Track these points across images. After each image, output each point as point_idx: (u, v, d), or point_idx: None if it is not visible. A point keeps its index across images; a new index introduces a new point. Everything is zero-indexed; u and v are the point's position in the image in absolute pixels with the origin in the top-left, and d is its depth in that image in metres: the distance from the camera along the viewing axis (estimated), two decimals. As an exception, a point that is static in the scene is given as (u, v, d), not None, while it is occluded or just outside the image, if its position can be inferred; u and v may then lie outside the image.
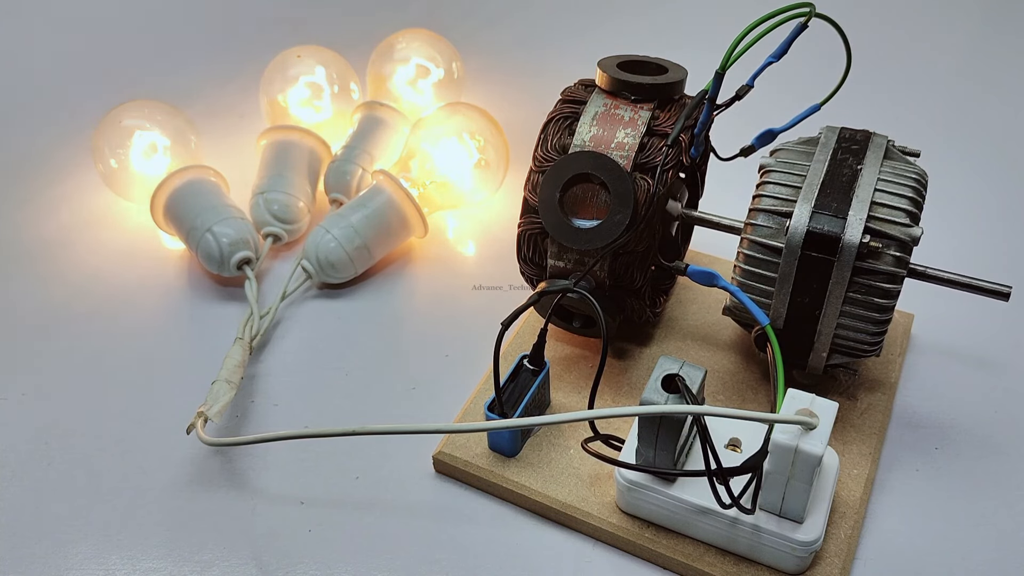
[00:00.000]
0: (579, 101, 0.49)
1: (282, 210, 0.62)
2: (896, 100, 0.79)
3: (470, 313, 0.59)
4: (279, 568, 0.44)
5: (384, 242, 0.61)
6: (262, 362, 0.55)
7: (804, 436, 0.37)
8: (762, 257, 0.45)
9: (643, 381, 0.51)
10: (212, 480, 0.48)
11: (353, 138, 0.67)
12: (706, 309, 0.56)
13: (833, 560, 0.42)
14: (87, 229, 0.67)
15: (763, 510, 0.41)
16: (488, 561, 0.44)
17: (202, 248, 0.59)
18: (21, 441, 0.51)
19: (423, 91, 0.73)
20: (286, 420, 0.52)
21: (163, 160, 0.64)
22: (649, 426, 0.40)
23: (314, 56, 0.71)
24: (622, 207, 0.45)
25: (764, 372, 0.52)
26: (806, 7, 0.42)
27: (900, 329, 0.54)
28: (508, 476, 0.46)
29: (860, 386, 0.51)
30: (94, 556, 0.45)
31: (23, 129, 0.78)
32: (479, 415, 0.49)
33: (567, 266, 0.49)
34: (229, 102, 0.80)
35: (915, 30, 0.89)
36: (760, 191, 0.45)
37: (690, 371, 0.40)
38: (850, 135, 0.47)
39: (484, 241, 0.65)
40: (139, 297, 0.61)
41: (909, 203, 0.43)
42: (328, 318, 0.59)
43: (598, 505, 0.45)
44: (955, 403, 0.51)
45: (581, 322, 0.52)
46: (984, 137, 0.74)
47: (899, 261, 0.42)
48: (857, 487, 0.45)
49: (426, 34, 0.73)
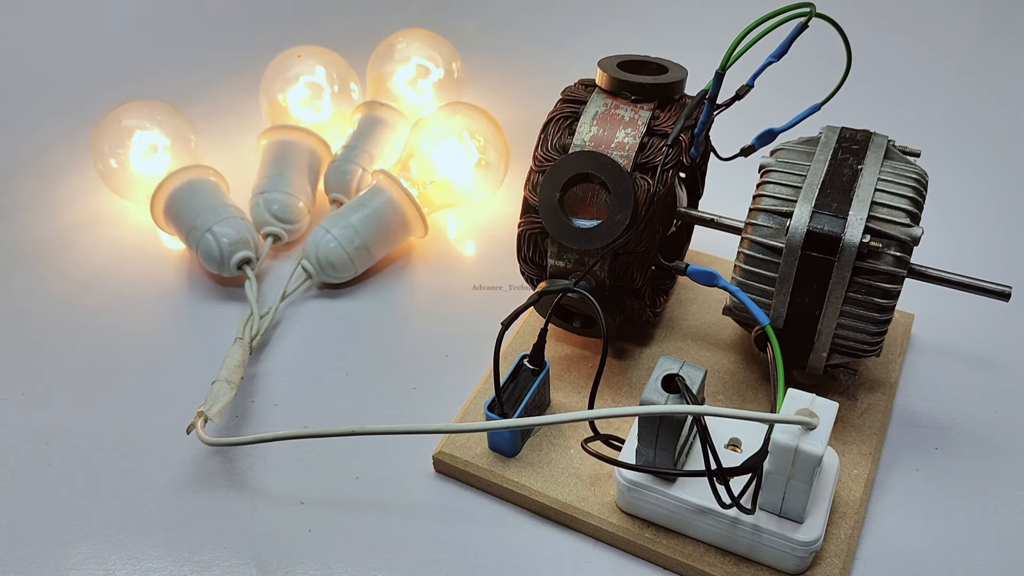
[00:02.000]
0: (579, 101, 0.49)
1: (282, 210, 0.62)
2: (896, 100, 0.79)
3: (470, 313, 0.59)
4: (279, 568, 0.44)
5: (384, 242, 0.61)
6: (262, 362, 0.55)
7: (804, 436, 0.37)
8: (762, 257, 0.45)
9: (643, 381, 0.51)
10: (212, 480, 0.48)
11: (353, 138, 0.67)
12: (706, 309, 0.56)
13: (833, 560, 0.42)
14: (87, 229, 0.67)
15: (763, 510, 0.41)
16: (488, 561, 0.44)
17: (202, 248, 0.59)
18: (21, 441, 0.51)
19: (423, 91, 0.73)
20: (286, 420, 0.52)
21: (163, 160, 0.64)
22: (649, 426, 0.40)
23: (314, 56, 0.71)
24: (622, 207, 0.45)
25: (764, 372, 0.52)
26: (806, 7, 0.42)
27: (900, 329, 0.54)
28: (508, 476, 0.46)
29: (860, 386, 0.51)
30: (94, 556, 0.45)
31: (23, 129, 0.78)
32: (479, 415, 0.49)
33: (567, 266, 0.49)
34: (229, 102, 0.80)
35: (915, 30, 0.89)
36: (760, 191, 0.45)
37: (690, 371, 0.40)
38: (850, 135, 0.47)
39: (484, 241, 0.65)
40: (139, 297, 0.61)
41: (909, 203, 0.43)
42: (328, 318, 0.59)
43: (598, 505, 0.45)
44: (955, 403, 0.51)
45: (581, 322, 0.52)
46: (984, 137, 0.74)
47: (899, 261, 0.42)
48: (857, 487, 0.45)
49: (426, 34, 0.73)
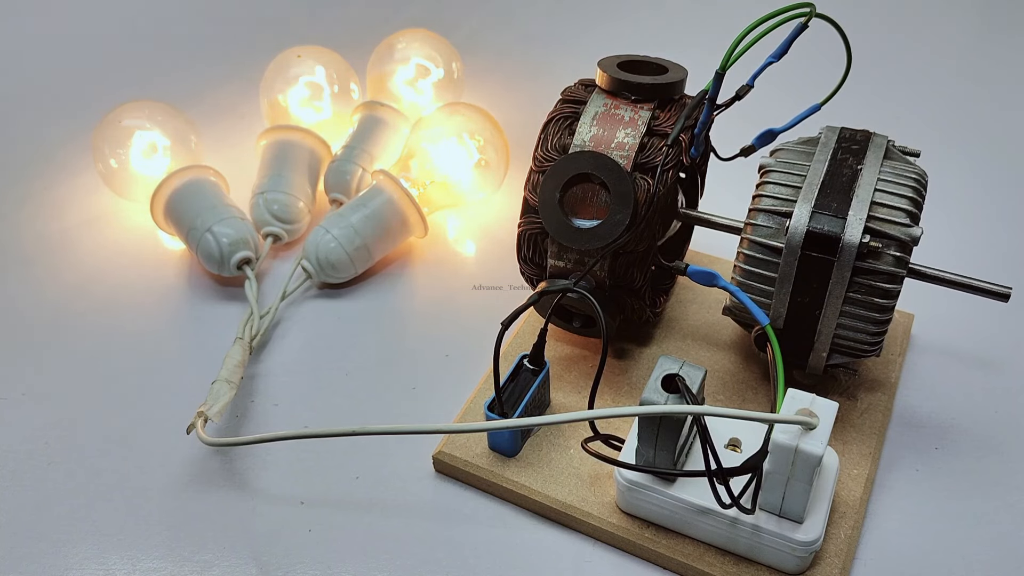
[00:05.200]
0: (579, 101, 0.49)
1: (282, 210, 0.62)
2: (896, 100, 0.79)
3: (470, 313, 0.59)
4: (279, 568, 0.44)
5: (384, 242, 0.61)
6: (262, 362, 0.55)
7: (804, 436, 0.37)
8: (762, 257, 0.45)
9: (643, 381, 0.51)
10: (212, 480, 0.48)
11: (353, 138, 0.67)
12: (706, 309, 0.56)
13: (833, 560, 0.42)
14: (87, 229, 0.67)
15: (763, 510, 0.41)
16: (488, 561, 0.44)
17: (202, 248, 0.59)
18: (21, 441, 0.51)
19: (423, 91, 0.73)
20: (286, 420, 0.52)
21: (163, 160, 0.64)
22: (649, 426, 0.40)
23: (314, 56, 0.71)
24: (622, 207, 0.45)
25: (764, 372, 0.52)
26: (806, 7, 0.42)
27: (900, 329, 0.54)
28: (508, 476, 0.46)
29: (860, 386, 0.51)
30: (94, 556, 0.45)
31: (23, 129, 0.78)
32: (479, 415, 0.49)
33: (567, 266, 0.49)
34: (229, 102, 0.80)
35: (915, 30, 0.89)
36: (760, 191, 0.45)
37: (690, 371, 0.40)
38: (850, 135, 0.47)
39: (484, 241, 0.65)
40: (139, 297, 0.61)
41: (909, 203, 0.43)
42: (328, 318, 0.59)
43: (598, 505, 0.45)
44: (955, 403, 0.51)
45: (581, 322, 0.52)
46: (984, 137, 0.74)
47: (899, 261, 0.42)
48: (857, 487, 0.45)
49: (426, 34, 0.73)
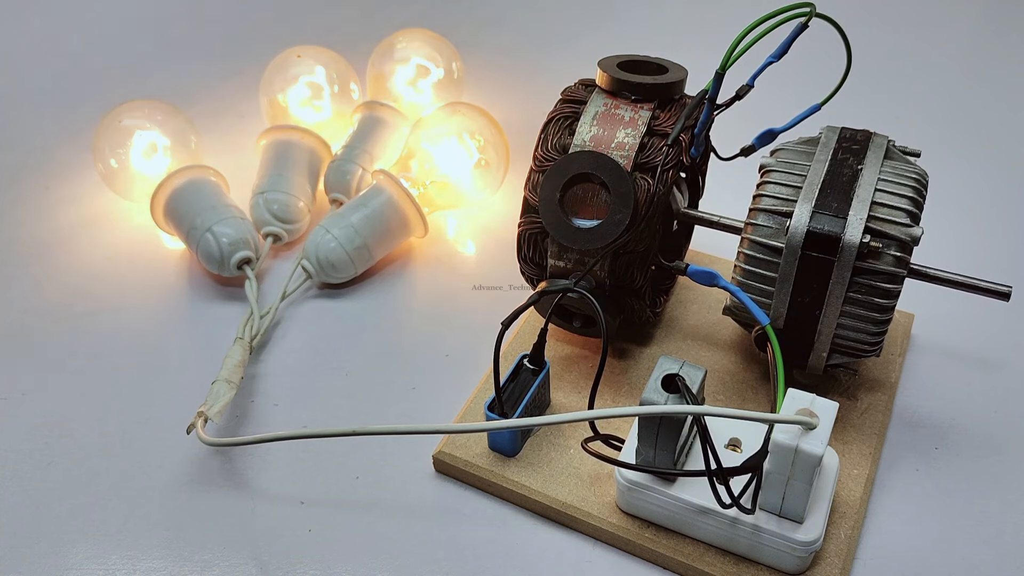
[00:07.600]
0: (579, 101, 0.49)
1: (282, 210, 0.62)
2: (896, 100, 0.79)
3: (470, 313, 0.59)
4: (279, 568, 0.44)
5: (384, 242, 0.61)
6: (262, 362, 0.55)
7: (804, 436, 0.37)
8: (762, 257, 0.45)
9: (643, 381, 0.51)
10: (212, 480, 0.48)
11: (353, 138, 0.67)
12: (706, 309, 0.56)
13: (833, 560, 0.42)
14: (87, 229, 0.67)
15: (763, 510, 0.41)
16: (488, 561, 0.44)
17: (202, 248, 0.59)
18: (21, 440, 0.51)
19: (423, 91, 0.73)
20: (286, 420, 0.52)
21: (163, 160, 0.64)
22: (649, 426, 0.40)
23: (314, 56, 0.71)
24: (622, 207, 0.45)
25: (764, 372, 0.52)
26: (806, 7, 0.42)
27: (900, 329, 0.54)
28: (508, 476, 0.46)
29: (860, 386, 0.51)
30: (94, 556, 0.45)
31: (23, 129, 0.78)
32: (479, 415, 0.49)
33: (567, 266, 0.49)
34: (229, 102, 0.80)
35: (915, 30, 0.89)
36: (760, 191, 0.45)
37: (690, 371, 0.40)
38: (850, 135, 0.47)
39: (484, 241, 0.65)
40: (139, 297, 0.61)
41: (909, 203, 0.43)
42: (328, 318, 0.59)
43: (598, 505, 0.45)
44: (955, 403, 0.51)
45: (581, 322, 0.52)
46: (984, 137, 0.74)
47: (899, 261, 0.42)
48: (857, 487, 0.45)
49: (426, 34, 0.73)
